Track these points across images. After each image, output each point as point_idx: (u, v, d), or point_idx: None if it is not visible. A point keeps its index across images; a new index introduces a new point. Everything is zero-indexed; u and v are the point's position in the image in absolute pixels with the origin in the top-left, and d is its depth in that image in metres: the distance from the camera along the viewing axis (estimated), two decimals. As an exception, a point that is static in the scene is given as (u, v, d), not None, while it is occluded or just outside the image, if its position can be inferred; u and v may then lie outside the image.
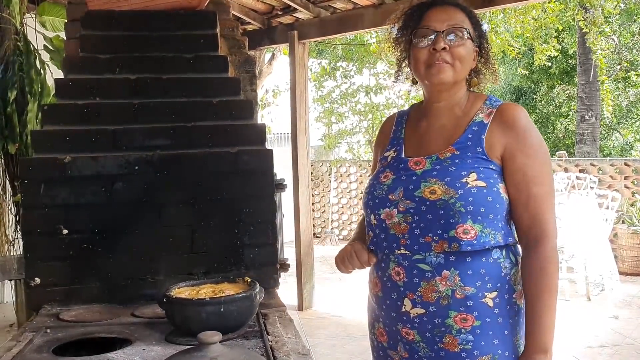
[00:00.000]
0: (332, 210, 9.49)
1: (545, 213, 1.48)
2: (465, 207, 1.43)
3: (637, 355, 4.24)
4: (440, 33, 1.54)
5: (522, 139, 1.49)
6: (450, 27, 1.54)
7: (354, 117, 8.90)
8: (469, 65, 1.57)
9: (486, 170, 1.48)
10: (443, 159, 1.51)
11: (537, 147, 1.50)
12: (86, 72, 2.30)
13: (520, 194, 1.48)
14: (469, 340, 1.46)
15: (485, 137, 1.51)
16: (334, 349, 4.56)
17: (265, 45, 5.94)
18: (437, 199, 1.45)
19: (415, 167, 1.54)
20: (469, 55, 1.56)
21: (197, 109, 2.29)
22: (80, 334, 1.82)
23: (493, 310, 1.47)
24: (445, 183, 1.46)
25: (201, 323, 1.63)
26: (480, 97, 1.60)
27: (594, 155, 11.29)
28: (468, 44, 1.55)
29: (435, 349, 1.49)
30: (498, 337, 1.47)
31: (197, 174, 2.22)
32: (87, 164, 2.15)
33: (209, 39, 2.40)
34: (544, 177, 1.49)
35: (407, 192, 1.51)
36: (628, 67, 13.35)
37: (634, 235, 6.45)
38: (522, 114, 1.53)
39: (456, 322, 1.46)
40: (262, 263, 2.23)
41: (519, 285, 1.52)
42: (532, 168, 1.48)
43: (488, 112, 1.54)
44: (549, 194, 1.50)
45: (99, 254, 2.16)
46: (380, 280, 1.59)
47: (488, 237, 1.45)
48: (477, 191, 1.44)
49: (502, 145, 1.50)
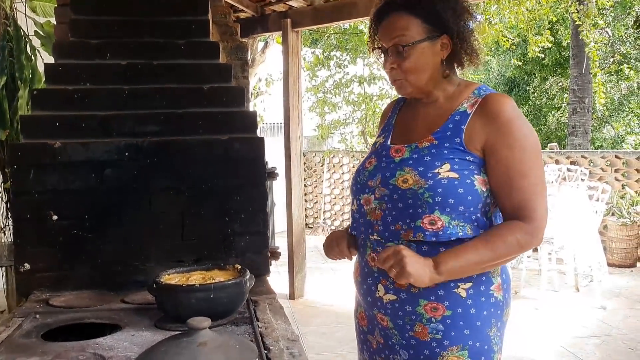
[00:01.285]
0: (325, 201, 9.49)
1: (532, 201, 1.44)
2: (434, 197, 1.42)
3: (623, 346, 4.28)
4: (386, 52, 1.53)
5: (505, 131, 1.45)
6: (392, 43, 1.51)
7: (347, 108, 8.88)
8: (429, 69, 1.53)
9: (462, 161, 1.45)
10: (421, 148, 1.50)
11: (522, 139, 1.45)
12: (76, 57, 2.28)
13: (504, 186, 1.46)
14: (439, 330, 1.46)
15: (466, 127, 1.48)
16: (325, 336, 4.58)
17: (258, 33, 5.91)
18: (408, 188, 1.45)
19: (395, 154, 1.54)
20: (424, 60, 1.51)
21: (188, 95, 2.28)
22: (69, 319, 1.82)
23: (466, 301, 1.46)
24: (418, 173, 1.45)
25: (191, 309, 1.62)
26: (471, 86, 1.57)
27: (585, 147, 11.33)
28: (417, 51, 1.50)
29: (406, 336, 1.51)
30: (469, 328, 1.47)
31: (188, 161, 2.21)
32: (77, 150, 2.14)
33: (201, 24, 2.39)
34: (530, 170, 1.45)
35: (383, 179, 1.51)
36: (621, 60, 13.39)
37: (623, 228, 6.50)
38: (506, 104, 1.47)
39: (426, 310, 1.47)
40: (253, 251, 2.23)
41: (499, 277, 1.52)
42: (516, 161, 1.44)
43: (473, 101, 1.51)
44: (535, 185, 1.45)
45: (88, 240, 2.15)
46: (359, 266, 1.62)
47: (456, 229, 1.44)
48: (448, 182, 1.43)
49: (482, 138, 1.47)
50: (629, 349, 4.21)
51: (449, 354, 1.47)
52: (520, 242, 1.43)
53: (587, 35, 7.51)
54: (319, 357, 4.18)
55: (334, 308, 5.29)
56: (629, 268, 6.52)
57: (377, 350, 1.61)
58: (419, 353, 1.49)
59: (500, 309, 1.52)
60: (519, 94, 16.21)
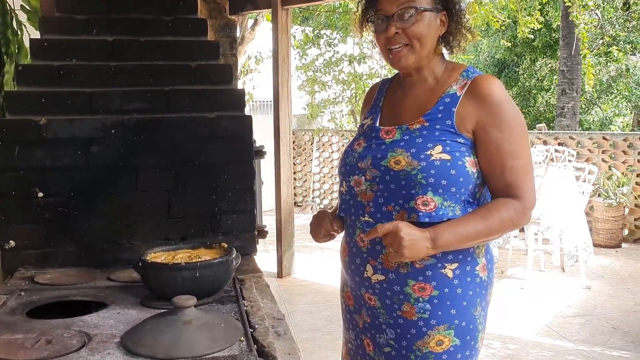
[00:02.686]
0: (314, 180, 9.50)
1: (522, 181, 1.48)
2: (427, 179, 1.43)
3: (607, 325, 4.35)
4: (391, 18, 1.51)
5: (495, 112, 1.47)
6: (400, 7, 1.50)
7: (337, 87, 8.85)
8: (431, 40, 1.53)
9: (453, 143, 1.46)
10: (412, 130, 1.51)
11: (512, 120, 1.48)
12: (62, 32, 2.25)
13: (495, 167, 1.48)
14: (427, 309, 1.49)
15: (456, 110, 1.49)
16: (312, 315, 4.62)
17: (247, 10, 5.83)
18: (401, 169, 1.46)
19: (385, 136, 1.55)
20: (429, 29, 1.51)
21: (175, 72, 2.26)
22: (55, 297, 1.82)
23: (452, 281, 1.49)
24: (410, 154, 1.46)
25: (176, 287, 1.63)
26: (458, 67, 1.58)
27: (573, 128, 11.39)
28: (425, 18, 1.50)
29: (394, 316, 1.53)
30: (456, 308, 1.49)
31: (175, 139, 2.20)
32: (63, 127, 2.12)
33: (188, 1, 2.36)
34: (520, 150, 1.48)
35: (374, 160, 1.52)
36: (610, 42, 13.40)
37: (609, 209, 6.56)
38: (495, 86, 1.49)
39: (414, 290, 1.49)
40: (240, 229, 2.23)
41: (483, 257, 1.55)
42: (507, 142, 1.46)
43: (462, 83, 1.52)
44: (525, 165, 1.49)
45: (75, 217, 2.14)
46: (347, 245, 1.63)
47: (447, 210, 1.46)
48: (441, 164, 1.44)
49: (473, 119, 1.48)
50: (612, 328, 4.29)
51: (435, 332, 1.49)
52: (513, 218, 1.47)
53: (577, 17, 7.50)
54: (306, 335, 4.22)
55: (322, 286, 5.33)
56: (614, 249, 6.60)
57: (363, 329, 1.63)
58: (406, 332, 1.52)
59: (484, 289, 1.55)
60: (509, 76, 16.22)
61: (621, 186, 6.65)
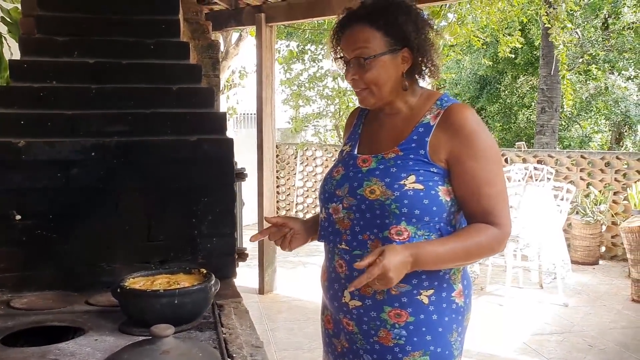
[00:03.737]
0: (297, 194, 9.51)
1: (499, 208, 1.50)
2: (400, 209, 1.46)
3: (583, 343, 4.40)
4: (349, 64, 1.55)
5: (469, 142, 1.49)
6: (354, 54, 1.53)
7: (321, 101, 8.90)
8: (390, 81, 1.55)
9: (426, 173, 1.49)
10: (387, 159, 1.53)
11: (486, 149, 1.50)
12: (43, 54, 2.24)
13: (472, 196, 1.50)
14: (402, 336, 1.51)
15: (430, 140, 1.51)
16: (293, 332, 4.62)
17: (231, 26, 5.87)
18: (375, 199, 1.48)
19: (362, 164, 1.57)
20: (386, 73, 1.53)
21: (157, 95, 2.26)
22: (31, 322, 1.80)
23: (428, 308, 1.51)
24: (385, 184, 1.48)
25: (155, 314, 1.63)
26: (433, 96, 1.60)
27: (552, 146, 11.54)
28: (380, 63, 1.52)
29: (370, 341, 1.55)
30: (431, 334, 1.51)
31: (155, 162, 2.20)
32: (42, 149, 2.11)
33: (171, 24, 2.36)
34: (495, 178, 1.51)
35: (351, 189, 1.54)
36: (590, 60, 13.63)
37: (587, 226, 6.66)
38: (468, 116, 1.51)
39: (390, 316, 1.51)
40: (220, 253, 2.23)
41: (460, 283, 1.57)
42: (482, 170, 1.49)
43: (436, 112, 1.54)
44: (501, 192, 1.52)
45: (53, 240, 2.13)
46: (327, 270, 1.65)
47: (420, 239, 1.48)
48: (414, 194, 1.46)
49: (447, 149, 1.50)
50: (588, 346, 4.34)
51: (411, 358, 1.51)
52: (491, 244, 1.50)
53: (556, 38, 7.63)
54: (287, 353, 4.21)
55: (304, 303, 5.33)
56: (591, 266, 6.69)
57: (341, 353, 1.65)
58: (383, 358, 1.53)
59: (461, 315, 1.57)
60: (490, 92, 16.40)
61: (598, 204, 6.75)
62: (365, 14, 1.54)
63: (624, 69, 14.36)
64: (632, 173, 6.94)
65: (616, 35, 14.01)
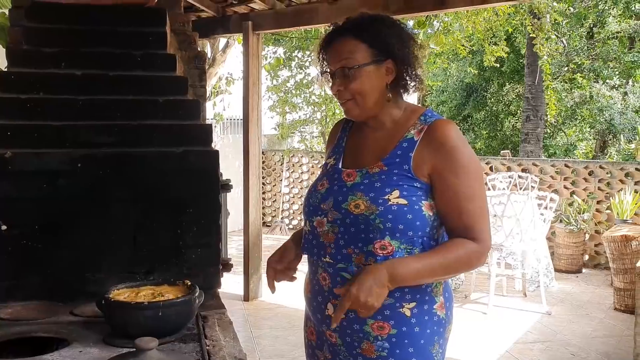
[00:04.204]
0: (283, 200, 9.52)
1: (479, 223, 1.53)
2: (384, 223, 1.48)
3: (566, 351, 4.45)
4: (334, 75, 1.59)
5: (451, 157, 1.52)
6: (340, 66, 1.57)
7: (307, 108, 8.92)
8: (375, 92, 1.58)
9: (410, 188, 1.51)
10: (372, 174, 1.56)
11: (468, 165, 1.53)
12: (30, 65, 2.26)
13: (453, 210, 1.53)
14: (385, 348, 1.53)
15: (414, 155, 1.54)
16: (278, 340, 4.63)
17: (219, 34, 5.90)
18: (360, 213, 1.51)
19: (347, 178, 1.60)
20: (370, 83, 1.56)
21: (144, 107, 2.29)
22: (16, 333, 1.81)
23: (410, 320, 1.53)
24: (369, 198, 1.50)
25: (139, 326, 1.65)
26: (417, 111, 1.63)
27: (537, 154, 11.66)
28: (364, 73, 1.55)
29: (354, 353, 1.57)
30: (414, 346, 1.53)
31: (142, 173, 2.22)
32: (29, 160, 2.12)
33: (158, 36, 2.39)
34: (476, 193, 1.53)
35: (336, 203, 1.57)
36: (575, 69, 13.80)
37: (570, 235, 6.73)
38: (451, 132, 1.54)
39: (373, 329, 1.53)
40: (205, 263, 2.26)
41: (441, 296, 1.59)
42: (463, 186, 1.51)
43: (420, 128, 1.57)
44: (481, 208, 1.54)
45: (39, 250, 2.14)
46: (310, 283, 1.67)
47: (404, 253, 1.50)
48: (398, 209, 1.49)
49: (430, 165, 1.53)
50: (570, 355, 4.39)
51: None
52: (471, 259, 1.52)
53: (540, 49, 7.73)
54: (272, 361, 4.22)
55: (289, 310, 5.33)
56: (574, 274, 6.76)
57: None
58: None
59: (442, 327, 1.59)
60: (477, 100, 16.52)
61: (582, 213, 6.83)
62: (350, 27, 1.59)
63: (609, 78, 14.53)
64: (615, 182, 7.03)
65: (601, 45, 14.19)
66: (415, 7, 4.51)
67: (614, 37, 13.98)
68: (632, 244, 5.36)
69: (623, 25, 13.76)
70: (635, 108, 14.08)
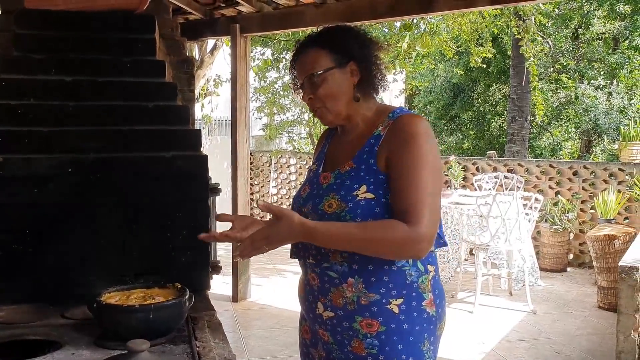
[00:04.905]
0: (271, 201, 9.55)
1: (418, 208, 1.47)
2: (354, 219, 1.51)
3: (550, 349, 4.52)
4: (303, 86, 1.65)
5: (407, 143, 1.52)
6: (305, 76, 1.63)
7: (295, 109, 8.97)
8: (343, 94, 1.63)
9: (376, 181, 1.55)
10: (343, 173, 1.61)
11: (422, 154, 1.51)
12: (20, 72, 2.28)
13: (395, 193, 1.51)
14: (375, 345, 1.56)
15: (377, 148, 1.58)
16: (266, 340, 4.66)
17: (206, 36, 5.93)
18: (332, 212, 1.55)
19: (323, 181, 1.65)
20: (337, 86, 1.62)
21: (133, 112, 2.32)
22: (7, 336, 1.84)
23: (399, 317, 1.56)
24: (340, 197, 1.55)
25: (130, 329, 1.68)
26: (387, 109, 1.67)
27: (523, 155, 11.77)
28: (329, 78, 1.61)
29: (345, 351, 1.60)
30: (403, 343, 1.56)
31: (131, 178, 2.25)
32: (20, 165, 2.15)
33: (147, 43, 2.42)
34: (422, 182, 1.49)
35: (313, 205, 1.62)
36: (560, 69, 13.94)
37: (555, 234, 6.82)
38: (414, 121, 1.56)
39: (362, 326, 1.56)
40: (194, 266, 2.29)
41: (430, 293, 1.60)
42: (410, 172, 1.50)
43: (387, 124, 1.62)
44: (427, 196, 1.49)
45: (29, 254, 2.16)
46: (303, 283, 1.72)
47: None
48: (365, 203, 1.52)
49: (388, 150, 1.56)
50: (555, 353, 4.46)
51: None
52: (397, 240, 1.46)
53: (526, 51, 7.82)
54: (260, 361, 4.26)
55: (278, 311, 5.38)
56: (559, 273, 6.85)
57: None
58: None
59: (433, 324, 1.61)
60: (464, 100, 16.64)
61: (566, 212, 6.92)
62: (313, 39, 1.67)
63: (594, 78, 14.70)
64: (599, 182, 7.14)
65: (586, 45, 14.37)
66: (400, 11, 4.57)
67: (598, 38, 14.16)
68: (615, 243, 5.45)
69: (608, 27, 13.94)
70: (620, 108, 14.24)
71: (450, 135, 17.26)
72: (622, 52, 13.94)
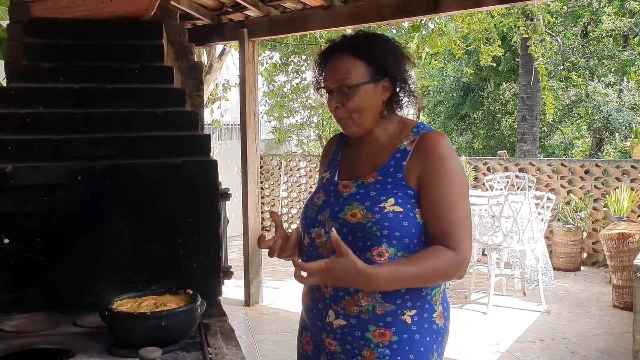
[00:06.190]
0: (282, 204, 9.55)
1: (458, 232, 1.53)
2: (381, 231, 1.52)
3: (565, 350, 4.48)
4: (332, 93, 1.62)
5: (437, 165, 1.55)
6: (337, 84, 1.60)
7: (304, 112, 8.97)
8: (372, 109, 1.62)
9: (404, 195, 1.55)
10: (367, 184, 1.60)
11: (452, 175, 1.56)
12: (29, 80, 2.29)
13: (433, 217, 1.55)
14: (386, 355, 1.55)
15: (406, 164, 1.58)
16: (280, 344, 4.66)
17: (214, 41, 5.94)
18: (357, 222, 1.54)
19: (343, 190, 1.64)
20: (367, 101, 1.60)
21: (142, 119, 2.31)
22: (21, 345, 1.84)
23: (411, 327, 1.56)
24: (365, 207, 1.54)
25: (142, 336, 1.68)
26: (410, 124, 1.68)
27: (533, 154, 11.71)
28: (361, 92, 1.59)
29: None
30: (414, 353, 1.56)
31: (141, 184, 2.24)
32: (30, 174, 2.15)
33: (155, 49, 2.42)
34: (457, 203, 1.55)
35: (332, 213, 1.60)
36: (570, 67, 13.85)
37: (568, 233, 6.77)
38: (441, 142, 1.58)
39: (375, 336, 1.56)
40: (205, 272, 2.28)
41: (440, 305, 1.62)
42: (445, 194, 1.54)
43: (412, 139, 1.62)
44: (462, 218, 1.55)
45: (41, 262, 2.17)
46: (310, 291, 1.70)
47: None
48: (394, 216, 1.52)
49: (418, 172, 1.57)
50: (570, 353, 4.43)
51: None
52: (447, 268, 1.51)
53: (535, 51, 7.77)
54: (274, 366, 4.25)
55: (290, 314, 5.37)
56: (573, 272, 6.80)
57: None
58: None
59: (440, 336, 1.62)
60: (474, 99, 16.57)
61: (579, 211, 6.87)
62: (348, 45, 1.63)
63: (604, 76, 14.61)
64: (611, 180, 7.08)
65: (596, 43, 14.27)
66: (408, 12, 4.55)
67: (608, 35, 14.06)
68: (629, 241, 5.40)
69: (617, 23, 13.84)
70: (631, 105, 14.13)
71: (461, 135, 17.20)
72: (632, 49, 13.84)
